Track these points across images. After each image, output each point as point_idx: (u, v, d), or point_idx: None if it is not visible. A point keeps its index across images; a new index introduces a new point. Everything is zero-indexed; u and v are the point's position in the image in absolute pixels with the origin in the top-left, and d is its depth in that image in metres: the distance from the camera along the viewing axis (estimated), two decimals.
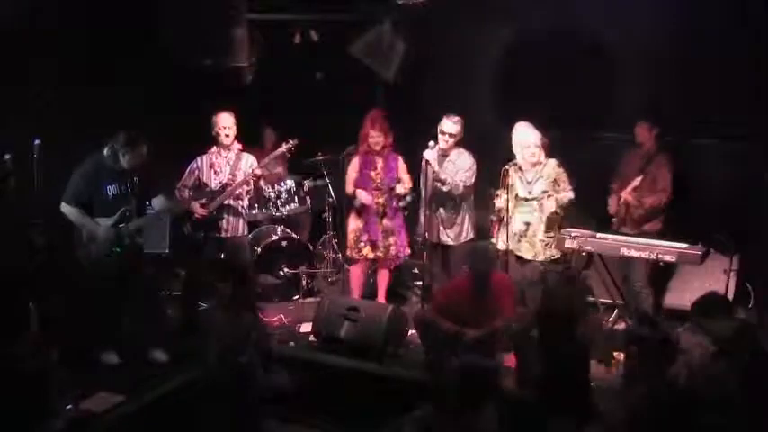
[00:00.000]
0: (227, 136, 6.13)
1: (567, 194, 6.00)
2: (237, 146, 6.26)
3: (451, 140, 6.21)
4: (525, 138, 6.00)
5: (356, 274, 6.59)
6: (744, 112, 6.26)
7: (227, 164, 6.19)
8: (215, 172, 6.17)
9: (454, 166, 6.25)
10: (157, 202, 5.69)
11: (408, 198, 6.65)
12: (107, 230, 5.50)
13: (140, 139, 5.50)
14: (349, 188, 6.43)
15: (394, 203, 6.41)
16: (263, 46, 7.15)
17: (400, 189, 6.37)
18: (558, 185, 6.00)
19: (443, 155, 6.29)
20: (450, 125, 6.20)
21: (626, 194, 6.18)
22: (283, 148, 6.30)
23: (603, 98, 6.70)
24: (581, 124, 6.82)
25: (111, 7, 6.56)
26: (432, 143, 6.11)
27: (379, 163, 6.35)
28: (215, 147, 6.21)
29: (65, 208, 5.51)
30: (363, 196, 6.30)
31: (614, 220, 6.33)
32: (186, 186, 6.18)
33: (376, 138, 6.28)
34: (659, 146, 6.21)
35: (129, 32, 6.69)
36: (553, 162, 6.05)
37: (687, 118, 6.44)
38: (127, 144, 5.45)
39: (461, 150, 6.29)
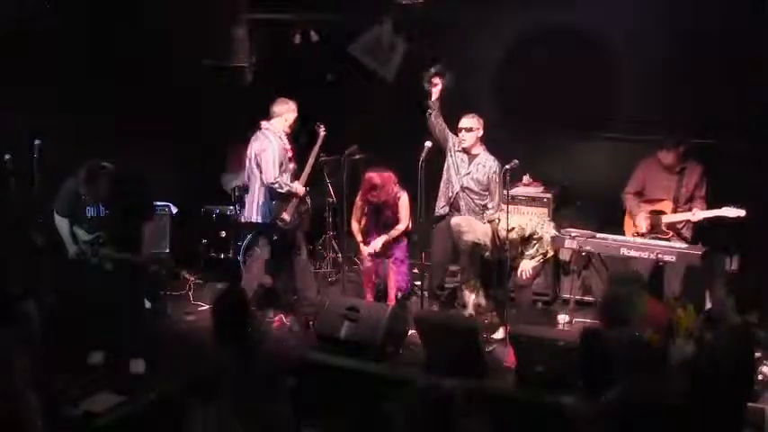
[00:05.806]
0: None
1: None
2: None
3: (469, 135, 6.18)
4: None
5: (368, 274, 6.57)
6: (744, 112, 6.26)
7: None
8: (289, 159, 6.30)
9: (484, 168, 6.22)
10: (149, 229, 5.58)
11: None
12: (74, 249, 5.41)
13: (98, 175, 5.23)
14: (357, 236, 6.48)
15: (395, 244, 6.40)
16: (263, 46, 7.15)
17: (394, 233, 6.34)
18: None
19: (468, 154, 6.26)
20: (465, 120, 6.22)
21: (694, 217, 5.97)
22: (322, 134, 6.52)
23: (606, 98, 6.70)
24: (583, 125, 6.82)
25: (111, 7, 6.57)
26: (428, 143, 6.05)
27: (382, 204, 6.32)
28: (279, 136, 6.20)
29: (56, 218, 5.43)
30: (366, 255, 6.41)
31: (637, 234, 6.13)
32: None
33: (377, 197, 6.22)
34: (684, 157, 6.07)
35: (130, 32, 6.70)
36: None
37: (687, 118, 6.44)
38: (85, 180, 5.24)
39: (487, 154, 6.26)
